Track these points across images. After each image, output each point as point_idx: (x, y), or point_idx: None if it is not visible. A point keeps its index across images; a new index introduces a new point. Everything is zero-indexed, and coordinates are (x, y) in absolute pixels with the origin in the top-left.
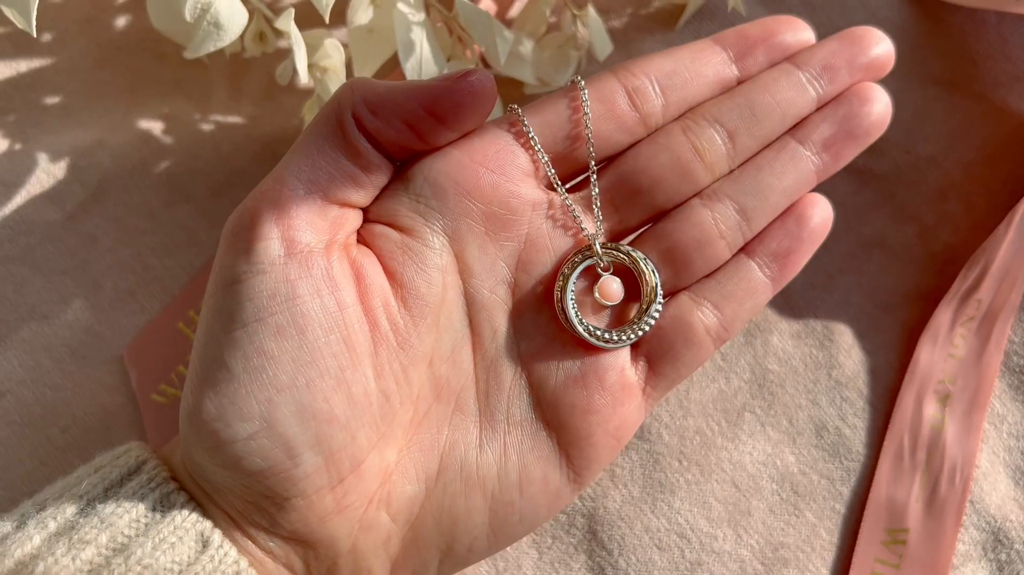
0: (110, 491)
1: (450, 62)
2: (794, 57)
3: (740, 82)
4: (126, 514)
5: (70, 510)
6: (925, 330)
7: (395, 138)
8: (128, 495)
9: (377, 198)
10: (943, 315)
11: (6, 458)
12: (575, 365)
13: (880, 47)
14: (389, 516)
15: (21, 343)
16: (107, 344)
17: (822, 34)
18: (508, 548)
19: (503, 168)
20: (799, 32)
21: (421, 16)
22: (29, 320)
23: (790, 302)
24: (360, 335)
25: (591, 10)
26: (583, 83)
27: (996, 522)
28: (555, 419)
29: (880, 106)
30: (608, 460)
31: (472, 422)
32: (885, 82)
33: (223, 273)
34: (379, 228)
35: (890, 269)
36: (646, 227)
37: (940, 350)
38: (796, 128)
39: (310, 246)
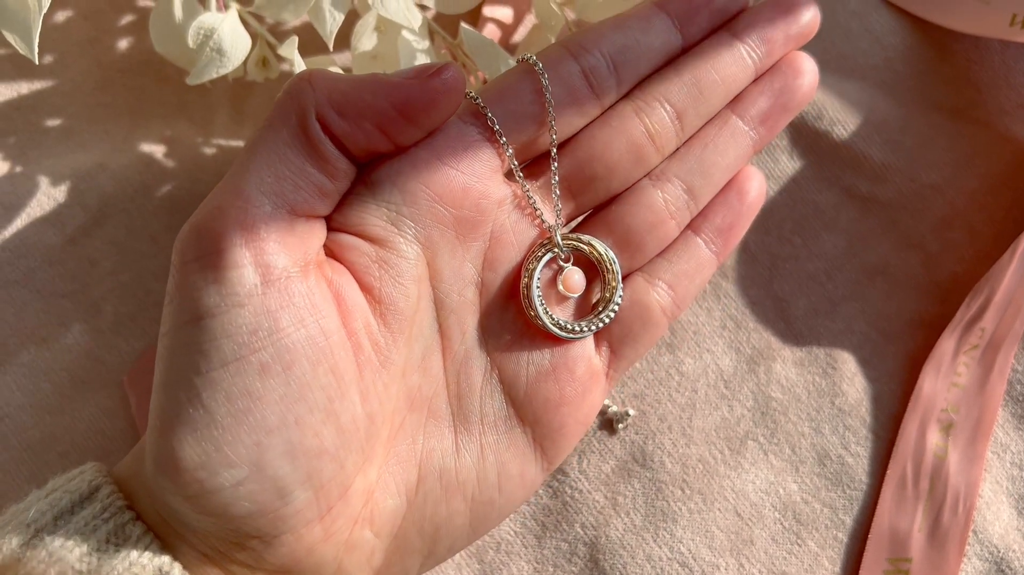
0: (60, 520)
1: None
2: (732, 25)
3: (684, 50)
4: (76, 548)
5: (16, 541)
6: (928, 358)
7: (364, 141)
8: (79, 525)
9: (338, 205)
10: (946, 344)
11: (4, 483)
12: (545, 359)
13: (809, 13)
14: (373, 533)
15: (20, 367)
16: (107, 369)
17: (825, 61)
18: None
19: (473, 168)
20: None
21: (426, 43)
22: (28, 344)
23: (793, 329)
24: (346, 361)
25: None
26: (540, 65)
27: (999, 552)
28: (529, 414)
29: (810, 77)
30: (576, 442)
31: (446, 427)
32: (890, 108)
33: (189, 306)
34: (348, 239)
35: (894, 297)
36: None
37: (943, 379)
38: (735, 102)
39: (287, 271)
